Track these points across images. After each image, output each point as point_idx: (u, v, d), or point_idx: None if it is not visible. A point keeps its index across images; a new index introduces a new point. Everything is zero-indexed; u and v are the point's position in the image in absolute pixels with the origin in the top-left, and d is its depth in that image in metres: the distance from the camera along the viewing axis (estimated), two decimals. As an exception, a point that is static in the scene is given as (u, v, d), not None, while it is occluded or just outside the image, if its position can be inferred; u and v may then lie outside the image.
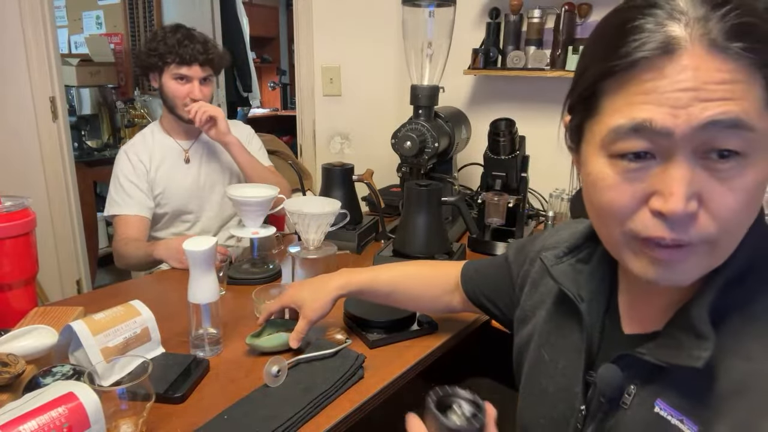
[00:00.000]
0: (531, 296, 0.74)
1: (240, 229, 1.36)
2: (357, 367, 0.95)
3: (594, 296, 0.62)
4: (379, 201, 1.65)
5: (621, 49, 0.44)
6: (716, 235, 0.45)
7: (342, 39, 2.29)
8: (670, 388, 0.51)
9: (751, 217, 0.47)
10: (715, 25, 0.42)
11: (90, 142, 3.27)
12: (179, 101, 1.61)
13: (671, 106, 0.43)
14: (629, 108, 0.45)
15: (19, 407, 0.64)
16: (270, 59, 5.69)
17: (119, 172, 1.64)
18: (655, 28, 0.43)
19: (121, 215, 1.61)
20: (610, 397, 0.55)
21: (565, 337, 0.65)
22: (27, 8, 2.01)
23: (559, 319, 0.66)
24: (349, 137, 2.41)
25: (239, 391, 0.90)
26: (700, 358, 0.46)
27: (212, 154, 1.74)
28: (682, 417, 0.49)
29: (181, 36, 1.58)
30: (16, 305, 1.09)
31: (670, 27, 0.43)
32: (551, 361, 0.65)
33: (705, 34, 0.42)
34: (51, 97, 2.12)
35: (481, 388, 1.27)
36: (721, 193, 0.44)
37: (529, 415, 0.69)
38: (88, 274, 2.41)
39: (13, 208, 1.06)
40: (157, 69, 1.61)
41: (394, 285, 1.00)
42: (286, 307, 1.04)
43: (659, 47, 0.43)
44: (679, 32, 0.43)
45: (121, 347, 0.91)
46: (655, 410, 0.51)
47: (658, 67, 0.43)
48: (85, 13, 3.98)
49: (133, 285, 1.55)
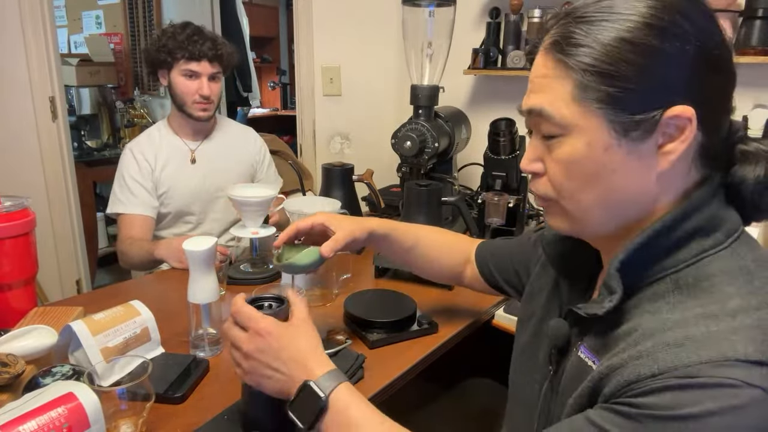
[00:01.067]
0: (540, 277, 0.80)
1: (240, 229, 1.36)
2: (357, 367, 0.95)
3: (579, 273, 0.70)
4: (379, 201, 1.65)
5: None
6: (554, 195, 0.60)
7: (342, 39, 2.29)
8: (590, 335, 0.60)
9: (585, 186, 0.57)
10: (556, 30, 0.56)
11: (90, 142, 3.27)
12: (189, 98, 1.60)
13: (528, 93, 0.59)
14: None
15: (18, 407, 0.64)
16: (270, 59, 5.69)
17: (124, 171, 1.62)
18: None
19: (126, 214, 1.60)
20: (560, 348, 0.65)
21: (555, 312, 0.73)
22: (27, 8, 2.01)
23: (553, 297, 0.74)
24: (349, 137, 2.41)
25: (239, 391, 0.90)
26: (603, 308, 0.56)
27: (220, 156, 1.72)
28: (594, 358, 0.58)
29: (190, 32, 1.57)
30: (15, 305, 1.08)
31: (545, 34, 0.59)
32: (538, 334, 0.73)
33: (549, 37, 0.57)
34: (51, 97, 2.12)
35: (481, 388, 1.28)
36: (550, 162, 0.59)
37: (521, 380, 0.76)
38: (87, 274, 2.41)
39: (12, 208, 1.05)
40: (167, 65, 1.60)
41: (416, 240, 1.02)
42: (317, 226, 0.96)
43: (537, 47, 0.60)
44: (545, 37, 0.58)
45: (121, 347, 0.91)
46: (579, 354, 0.61)
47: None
48: (84, 12, 3.98)
49: (132, 285, 1.55)
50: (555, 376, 0.66)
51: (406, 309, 1.12)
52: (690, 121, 0.52)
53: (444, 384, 1.28)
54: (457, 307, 1.21)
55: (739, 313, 0.49)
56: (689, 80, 0.53)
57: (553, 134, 0.57)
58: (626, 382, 0.49)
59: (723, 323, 0.49)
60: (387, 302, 1.18)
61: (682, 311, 0.52)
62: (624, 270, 0.56)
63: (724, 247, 0.55)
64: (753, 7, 1.51)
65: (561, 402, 0.62)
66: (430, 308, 1.19)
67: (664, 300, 0.54)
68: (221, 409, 0.84)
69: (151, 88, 3.69)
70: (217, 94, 1.65)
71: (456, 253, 1.06)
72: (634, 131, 0.54)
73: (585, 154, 0.56)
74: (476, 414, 1.23)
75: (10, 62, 2.04)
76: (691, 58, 0.52)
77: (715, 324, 0.49)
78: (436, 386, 1.27)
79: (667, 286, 0.55)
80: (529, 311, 0.79)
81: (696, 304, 0.52)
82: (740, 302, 0.50)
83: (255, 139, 1.84)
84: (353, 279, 1.35)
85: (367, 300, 1.19)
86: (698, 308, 0.51)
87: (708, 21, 0.53)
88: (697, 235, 0.56)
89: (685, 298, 0.53)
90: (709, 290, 0.53)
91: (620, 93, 0.53)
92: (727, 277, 0.53)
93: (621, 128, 0.54)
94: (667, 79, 0.52)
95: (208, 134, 1.71)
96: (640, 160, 0.55)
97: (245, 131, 1.85)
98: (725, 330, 0.48)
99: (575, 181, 0.57)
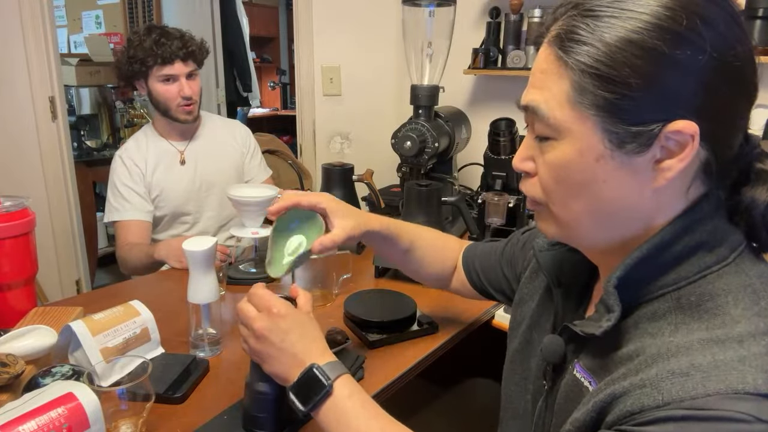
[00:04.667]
0: (530, 282, 0.77)
1: (240, 229, 1.36)
2: (357, 367, 0.95)
3: (573, 282, 0.67)
4: (379, 201, 1.65)
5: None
6: (543, 199, 0.56)
7: (342, 39, 2.29)
8: (586, 354, 0.57)
9: (576, 195, 0.54)
10: (560, 23, 0.52)
11: (89, 142, 3.26)
12: (172, 102, 1.59)
13: (528, 86, 0.55)
14: None
15: (18, 407, 0.64)
16: (270, 59, 5.69)
17: (116, 179, 1.62)
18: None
19: (122, 221, 1.61)
20: (555, 365, 0.62)
21: (548, 321, 0.70)
22: (26, 8, 2.01)
23: (545, 305, 0.72)
24: (349, 137, 2.41)
25: (239, 391, 0.89)
26: (601, 327, 0.53)
27: (208, 155, 1.73)
28: (591, 378, 0.55)
29: (156, 36, 1.55)
30: (15, 305, 1.08)
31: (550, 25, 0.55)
32: (538, 342, 0.69)
33: (554, 29, 0.53)
34: (50, 97, 2.12)
35: (481, 388, 1.28)
36: (541, 163, 0.55)
37: (513, 391, 0.74)
38: (87, 274, 2.40)
39: (12, 208, 1.05)
40: (142, 75, 1.59)
41: (412, 243, 0.97)
42: (318, 209, 0.86)
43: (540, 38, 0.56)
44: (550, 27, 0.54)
45: (121, 347, 0.91)
46: (574, 373, 0.58)
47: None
48: (84, 12, 3.98)
49: (132, 285, 1.55)
50: (551, 394, 0.63)
51: (406, 309, 1.12)
52: (693, 138, 0.48)
53: (444, 384, 1.28)
54: (457, 307, 1.21)
55: (746, 338, 0.46)
56: (698, 93, 0.48)
57: (546, 136, 0.54)
58: (629, 412, 0.47)
59: (730, 351, 0.46)
60: (387, 302, 1.18)
61: (686, 334, 0.49)
62: (622, 287, 0.53)
63: (728, 263, 0.52)
64: (753, 7, 1.51)
65: (557, 423, 0.59)
66: (430, 308, 1.19)
67: (665, 320, 0.51)
68: (221, 409, 0.84)
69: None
70: (198, 92, 1.64)
71: (445, 259, 1.01)
72: (629, 143, 0.49)
73: (576, 161, 0.52)
74: (476, 414, 1.23)
75: (9, 62, 2.04)
76: (704, 68, 0.47)
77: (721, 351, 0.46)
78: (436, 386, 1.27)
79: (668, 304, 0.52)
80: (519, 318, 0.76)
81: (700, 326, 0.49)
82: (747, 326, 0.47)
83: (240, 130, 1.83)
84: (353, 279, 1.35)
85: (367, 300, 1.19)
86: (703, 332, 0.48)
87: (731, 27, 0.48)
88: (700, 251, 0.52)
89: (688, 320, 0.50)
90: (713, 311, 0.49)
91: (619, 100, 0.48)
92: (732, 297, 0.49)
93: (616, 139, 0.49)
94: (674, 90, 0.47)
95: (194, 133, 1.72)
96: (635, 175, 0.51)
97: (230, 125, 1.84)
98: (733, 358, 0.45)
99: (564, 187, 0.54)
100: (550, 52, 0.52)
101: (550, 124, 0.52)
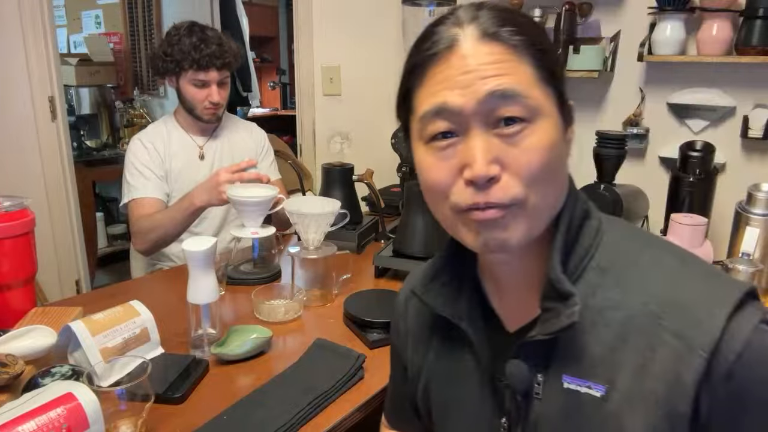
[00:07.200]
0: (417, 349, 0.70)
1: (240, 229, 1.36)
2: (357, 367, 0.95)
3: (469, 312, 0.62)
4: (379, 201, 1.65)
5: (422, 49, 0.55)
6: (523, 194, 0.51)
7: (342, 39, 2.29)
8: (568, 361, 0.54)
9: (552, 177, 0.53)
10: (484, 20, 0.52)
11: (89, 142, 3.26)
12: (199, 104, 1.61)
13: (460, 87, 0.51)
14: (431, 97, 0.53)
15: (17, 407, 0.64)
16: (270, 59, 5.69)
17: (134, 159, 1.61)
18: (444, 30, 0.53)
19: (137, 198, 1.57)
20: (524, 393, 0.56)
21: (459, 363, 0.64)
22: (26, 8, 2.01)
23: (448, 351, 0.65)
24: (349, 137, 2.41)
25: (238, 391, 0.89)
26: (573, 314, 0.51)
27: (227, 153, 1.73)
28: (588, 383, 0.53)
29: (196, 39, 1.55)
30: (15, 305, 1.08)
31: (452, 30, 0.53)
32: (458, 397, 0.64)
33: (476, 28, 0.52)
34: (50, 97, 2.12)
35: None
36: (516, 155, 0.51)
37: None
38: (87, 275, 2.40)
39: (12, 208, 1.05)
40: (174, 73, 1.59)
41: None
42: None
43: (445, 45, 0.52)
44: (457, 32, 0.52)
45: (120, 348, 0.90)
46: (564, 386, 0.54)
47: (446, 59, 0.52)
48: (84, 12, 3.98)
49: (132, 285, 1.55)
50: (527, 423, 0.57)
51: (406, 309, 1.12)
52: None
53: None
54: (457, 307, 1.21)
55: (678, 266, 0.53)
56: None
57: (521, 117, 0.50)
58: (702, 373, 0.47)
59: (687, 280, 0.51)
60: (387, 302, 1.18)
61: (642, 285, 0.52)
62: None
63: (602, 222, 0.57)
64: (753, 7, 1.51)
65: None
66: (430, 308, 1.18)
67: (606, 287, 0.53)
68: (220, 409, 0.84)
69: (150, 87, 3.69)
70: (226, 98, 1.66)
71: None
72: (567, 114, 0.55)
73: (557, 139, 0.52)
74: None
75: (9, 62, 2.03)
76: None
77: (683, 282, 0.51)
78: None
79: (595, 273, 0.54)
80: (422, 387, 0.69)
81: (639, 276, 0.53)
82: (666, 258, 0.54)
83: (257, 132, 1.85)
84: (353, 279, 1.35)
85: (367, 300, 1.19)
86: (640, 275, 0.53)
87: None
88: (587, 219, 0.57)
89: (621, 274, 0.54)
90: (635, 263, 0.54)
91: (557, 71, 0.54)
92: (630, 245, 0.55)
93: (563, 111, 0.54)
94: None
95: (214, 131, 1.72)
96: (566, 147, 0.55)
97: (248, 126, 1.86)
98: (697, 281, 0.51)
99: (548, 170, 0.51)
100: (493, 45, 0.51)
101: (530, 104, 0.50)
